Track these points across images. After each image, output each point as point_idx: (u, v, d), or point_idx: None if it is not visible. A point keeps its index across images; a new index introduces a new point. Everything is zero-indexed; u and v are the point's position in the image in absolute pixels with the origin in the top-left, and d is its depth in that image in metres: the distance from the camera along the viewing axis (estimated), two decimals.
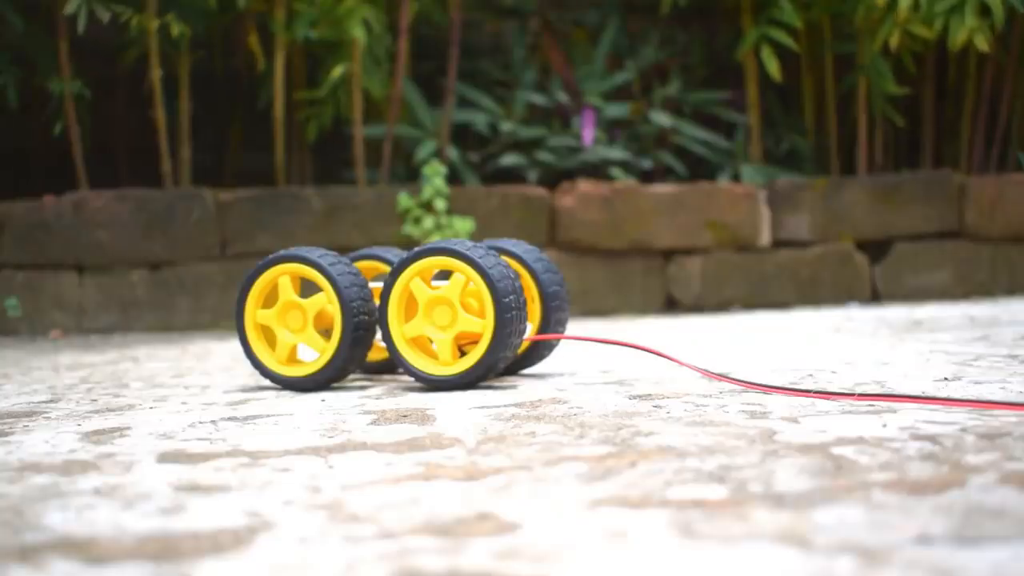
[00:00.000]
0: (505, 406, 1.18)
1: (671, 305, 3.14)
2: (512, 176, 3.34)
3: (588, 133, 3.32)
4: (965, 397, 1.12)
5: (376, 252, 1.62)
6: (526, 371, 1.58)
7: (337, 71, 3.02)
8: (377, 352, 1.59)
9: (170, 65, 3.03)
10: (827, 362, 1.54)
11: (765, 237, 3.18)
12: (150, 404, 1.33)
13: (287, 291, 1.41)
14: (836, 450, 0.85)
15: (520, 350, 1.48)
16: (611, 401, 1.19)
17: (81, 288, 2.91)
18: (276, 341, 1.43)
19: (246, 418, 1.16)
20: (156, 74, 2.93)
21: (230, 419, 1.16)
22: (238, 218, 2.96)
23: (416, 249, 1.36)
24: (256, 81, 3.30)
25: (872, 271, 3.24)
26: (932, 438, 0.88)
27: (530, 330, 1.48)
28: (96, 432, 1.09)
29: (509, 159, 3.29)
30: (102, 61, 3.22)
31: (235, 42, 3.35)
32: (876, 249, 3.25)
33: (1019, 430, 0.91)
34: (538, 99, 3.45)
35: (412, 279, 1.37)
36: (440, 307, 1.35)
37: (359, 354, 1.40)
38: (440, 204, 2.96)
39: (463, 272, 1.34)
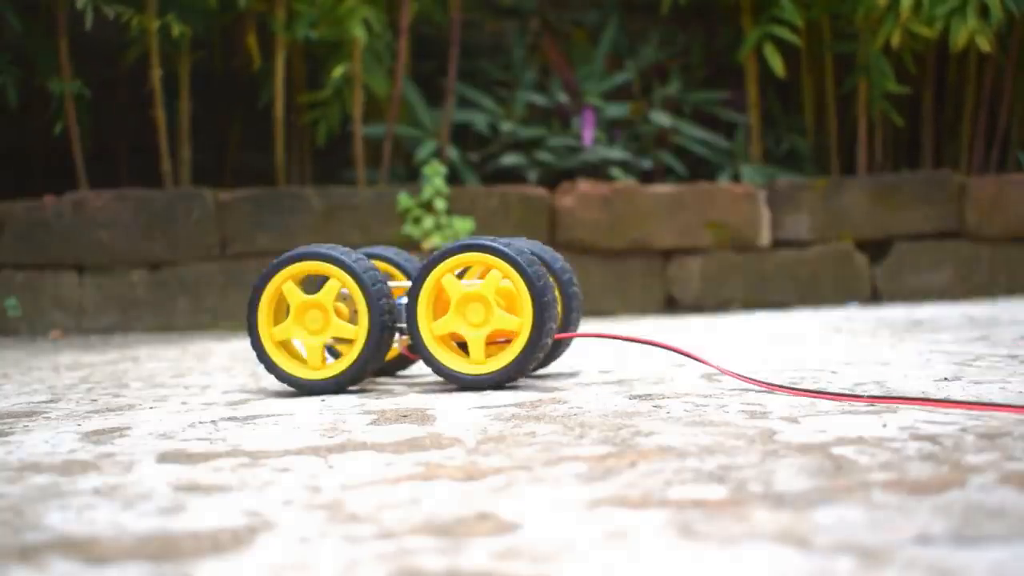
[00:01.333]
0: (505, 406, 1.18)
1: (671, 305, 3.14)
2: (512, 176, 3.34)
3: (588, 133, 3.32)
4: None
5: (377, 251, 1.59)
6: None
7: (338, 71, 3.02)
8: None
9: (170, 65, 3.03)
10: (827, 362, 1.54)
11: (765, 237, 3.18)
12: (150, 404, 1.33)
13: (329, 294, 1.36)
14: (836, 450, 0.85)
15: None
16: (611, 401, 1.19)
17: (81, 288, 2.91)
18: (295, 349, 1.39)
19: (246, 418, 1.16)
20: (156, 74, 2.93)
21: (230, 419, 1.16)
22: (238, 218, 2.96)
23: (449, 246, 1.35)
24: (256, 81, 3.30)
25: (872, 271, 3.24)
26: (932, 438, 0.88)
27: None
28: (96, 432, 1.09)
29: (509, 159, 3.29)
30: (102, 61, 3.22)
31: (235, 42, 3.35)
32: (876, 249, 3.25)
33: (1019, 430, 0.91)
34: (538, 99, 3.45)
35: (444, 275, 1.35)
36: (473, 304, 1.34)
37: (382, 355, 1.37)
38: (440, 204, 2.96)
39: (499, 268, 1.33)
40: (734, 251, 3.17)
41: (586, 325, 2.63)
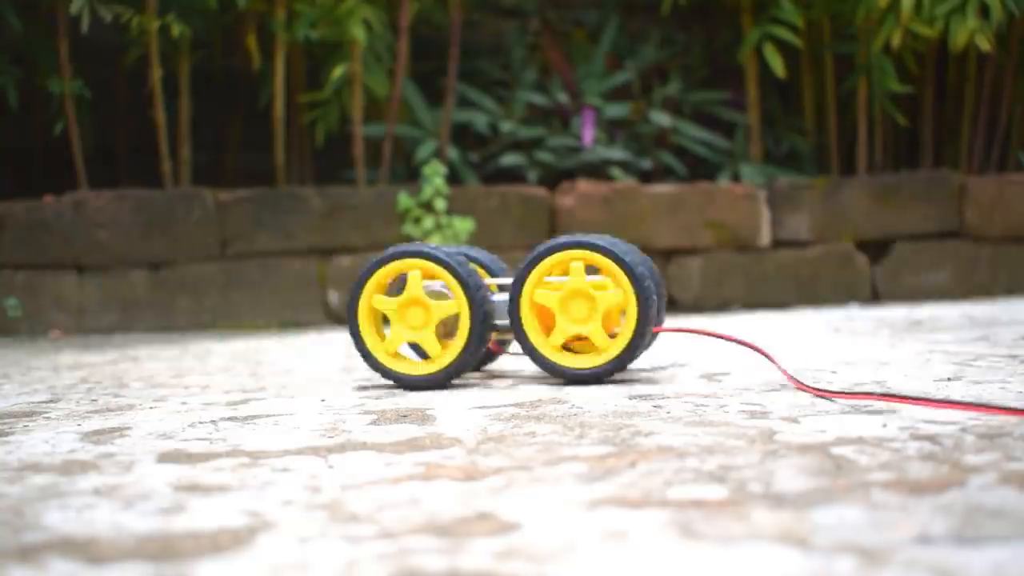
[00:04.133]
0: (505, 406, 1.18)
1: (671, 305, 3.14)
2: (512, 176, 3.34)
3: (588, 133, 3.32)
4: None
5: (465, 251, 1.54)
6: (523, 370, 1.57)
7: (338, 71, 3.02)
8: None
9: (170, 65, 3.03)
10: (827, 362, 1.54)
11: (765, 237, 3.18)
12: (150, 404, 1.32)
13: (415, 287, 1.39)
14: (836, 450, 0.85)
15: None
16: (611, 401, 1.19)
17: (81, 288, 2.91)
18: (388, 332, 1.40)
19: (246, 418, 1.16)
20: (156, 74, 2.93)
21: (230, 419, 1.16)
22: (238, 218, 2.96)
23: (542, 248, 1.35)
24: (256, 81, 3.30)
25: (872, 271, 3.24)
26: (932, 438, 0.88)
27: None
28: (96, 432, 1.09)
29: (509, 159, 3.29)
30: (102, 61, 3.22)
31: (235, 42, 3.35)
32: (876, 249, 3.25)
33: (1019, 430, 0.91)
34: (538, 99, 3.45)
35: (538, 283, 1.36)
36: (576, 302, 1.35)
37: (482, 348, 1.39)
38: (440, 204, 2.96)
39: (596, 263, 1.33)
40: (734, 251, 3.17)
41: None
